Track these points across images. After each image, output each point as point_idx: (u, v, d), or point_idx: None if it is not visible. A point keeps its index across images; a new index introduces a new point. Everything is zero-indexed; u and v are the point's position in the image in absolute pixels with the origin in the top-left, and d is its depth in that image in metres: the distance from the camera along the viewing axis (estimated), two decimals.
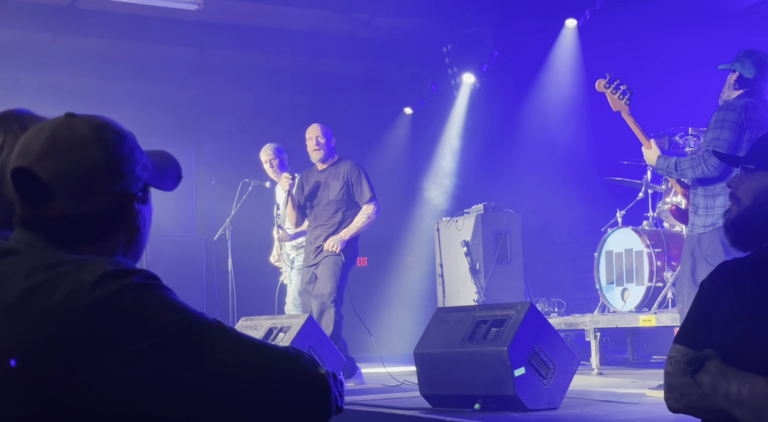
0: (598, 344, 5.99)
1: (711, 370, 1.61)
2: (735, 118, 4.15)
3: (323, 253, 5.72)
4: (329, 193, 5.82)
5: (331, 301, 5.53)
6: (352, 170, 5.82)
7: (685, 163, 4.27)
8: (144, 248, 1.41)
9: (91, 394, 1.14)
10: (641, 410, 3.76)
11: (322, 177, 5.89)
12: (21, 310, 1.16)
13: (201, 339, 1.20)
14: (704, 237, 4.20)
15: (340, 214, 5.77)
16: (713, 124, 4.23)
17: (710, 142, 4.18)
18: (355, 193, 5.79)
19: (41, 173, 1.25)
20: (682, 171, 4.29)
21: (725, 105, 4.24)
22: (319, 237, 5.77)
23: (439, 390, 4.08)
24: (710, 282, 1.74)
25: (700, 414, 1.66)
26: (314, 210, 5.88)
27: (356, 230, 5.74)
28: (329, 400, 1.28)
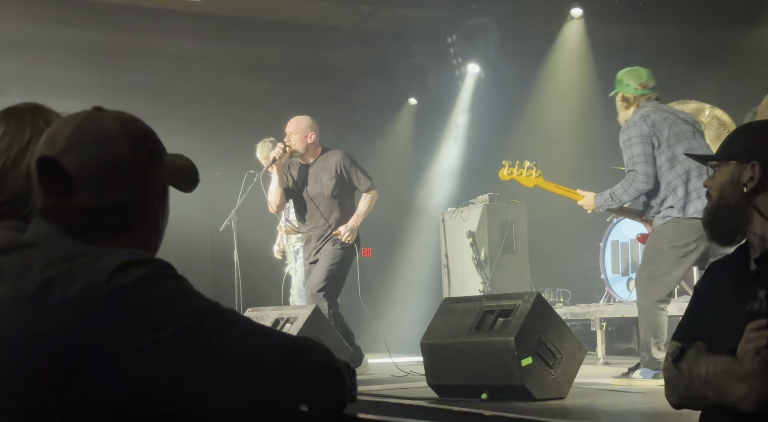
0: (604, 333, 6.00)
1: (688, 357, 1.67)
2: (637, 132, 4.39)
3: (327, 244, 5.69)
4: (323, 188, 5.68)
5: (322, 294, 5.51)
6: (344, 161, 5.69)
7: (617, 190, 4.48)
8: (159, 245, 1.42)
9: (108, 384, 1.15)
10: (648, 399, 3.77)
11: (312, 171, 5.74)
12: (39, 302, 1.17)
13: (216, 329, 1.21)
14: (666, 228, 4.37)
15: (339, 209, 5.70)
16: (623, 146, 4.47)
17: (628, 161, 4.44)
18: (354, 182, 5.71)
19: (66, 164, 1.26)
20: (618, 198, 4.48)
21: (625, 125, 4.50)
22: (321, 235, 5.71)
23: (446, 380, 4.09)
24: (702, 280, 1.82)
25: (692, 404, 1.69)
26: (309, 206, 5.76)
27: (363, 217, 5.70)
28: (343, 390, 1.30)
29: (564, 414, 3.43)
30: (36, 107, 1.68)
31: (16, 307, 1.18)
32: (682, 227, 4.31)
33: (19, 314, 1.17)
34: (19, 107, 1.69)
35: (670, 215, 4.36)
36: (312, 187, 5.72)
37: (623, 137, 4.46)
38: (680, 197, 4.35)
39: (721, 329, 1.67)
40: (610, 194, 4.50)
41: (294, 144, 5.69)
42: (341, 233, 5.60)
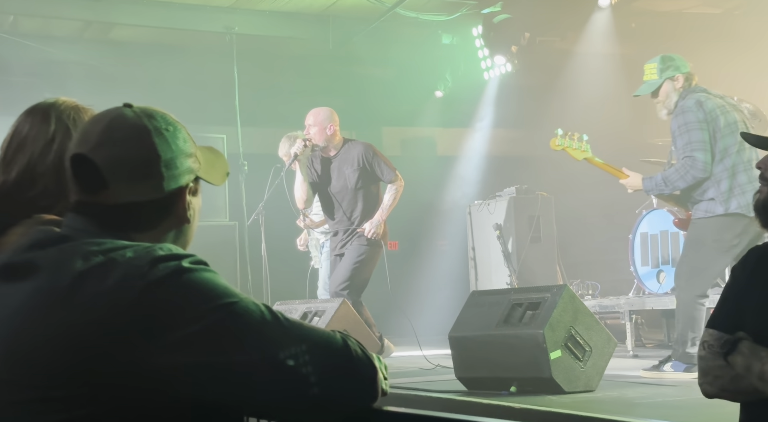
0: (634, 326, 5.96)
1: (743, 351, 1.62)
2: (694, 117, 4.27)
3: (353, 239, 5.68)
4: (346, 181, 5.65)
5: (345, 292, 5.50)
6: (366, 152, 5.63)
7: (672, 175, 4.34)
8: (191, 240, 1.43)
9: (142, 377, 1.17)
10: (679, 392, 3.74)
11: (334, 164, 5.70)
12: (75, 295, 1.18)
13: (250, 323, 1.21)
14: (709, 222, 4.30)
15: (363, 201, 5.66)
16: (678, 131, 4.33)
17: (685, 147, 4.29)
18: (378, 174, 5.64)
19: (98, 160, 1.29)
20: (673, 183, 4.36)
21: (680, 109, 4.35)
22: (347, 229, 5.69)
23: (475, 372, 4.09)
24: (741, 267, 1.75)
25: (734, 397, 1.66)
26: (333, 200, 5.74)
27: (389, 209, 5.63)
28: (377, 383, 1.30)
29: (594, 406, 3.41)
30: (59, 102, 1.71)
31: (53, 300, 1.19)
32: (725, 222, 4.24)
33: (56, 306, 1.19)
34: (43, 103, 1.72)
35: (713, 209, 4.28)
36: (336, 180, 5.69)
37: (678, 121, 4.33)
38: (723, 191, 4.26)
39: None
40: (663, 179, 4.38)
41: (314, 137, 5.65)
42: (366, 230, 5.58)
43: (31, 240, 1.29)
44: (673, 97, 4.45)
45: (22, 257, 1.26)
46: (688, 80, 4.43)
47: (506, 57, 8.41)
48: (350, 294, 5.50)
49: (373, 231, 5.56)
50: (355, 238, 5.66)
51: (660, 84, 4.47)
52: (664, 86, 4.47)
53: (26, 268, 1.24)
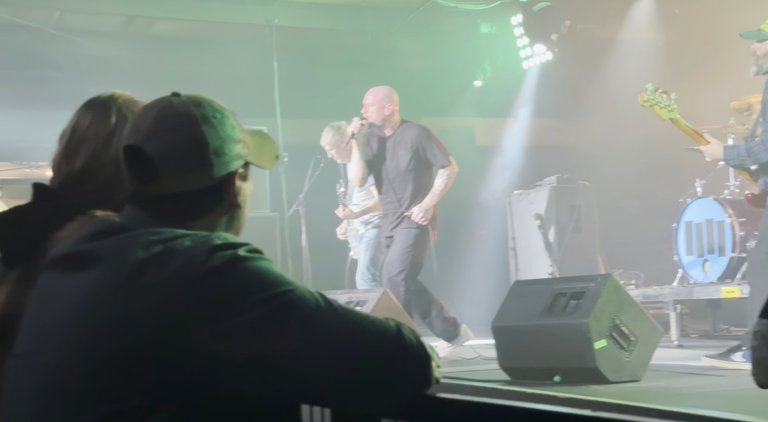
0: (678, 316, 5.89)
1: None
2: None
3: (401, 223, 5.66)
4: (398, 163, 5.61)
5: (399, 278, 5.47)
6: (420, 136, 5.58)
7: (757, 146, 4.13)
8: (244, 225, 1.45)
9: (201, 365, 1.18)
10: (728, 382, 3.70)
11: (390, 145, 5.66)
12: (136, 283, 1.21)
13: (306, 311, 1.23)
14: None
15: (413, 183, 5.60)
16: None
17: None
18: (430, 157, 5.59)
19: (149, 151, 1.31)
20: (756, 155, 4.15)
21: None
22: (396, 210, 5.69)
23: (518, 362, 4.08)
24: None
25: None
26: (385, 181, 5.72)
27: (440, 194, 5.56)
28: (431, 371, 1.30)
29: (641, 396, 3.38)
30: (116, 95, 1.74)
31: (115, 289, 1.22)
32: None
33: (118, 295, 1.21)
34: (100, 97, 1.75)
35: None
36: (389, 161, 5.65)
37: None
38: None
39: None
40: (746, 150, 4.16)
41: (371, 116, 5.64)
42: (414, 214, 5.56)
43: (92, 230, 1.31)
44: (761, 58, 4.21)
45: (83, 247, 1.29)
46: None
47: (546, 45, 8.33)
48: (406, 280, 5.47)
49: (421, 215, 5.52)
50: (404, 222, 5.62)
51: (765, 38, 4.19)
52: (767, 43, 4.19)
53: (88, 258, 1.26)
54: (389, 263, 5.60)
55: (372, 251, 6.23)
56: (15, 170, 8.89)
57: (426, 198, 5.55)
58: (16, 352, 1.32)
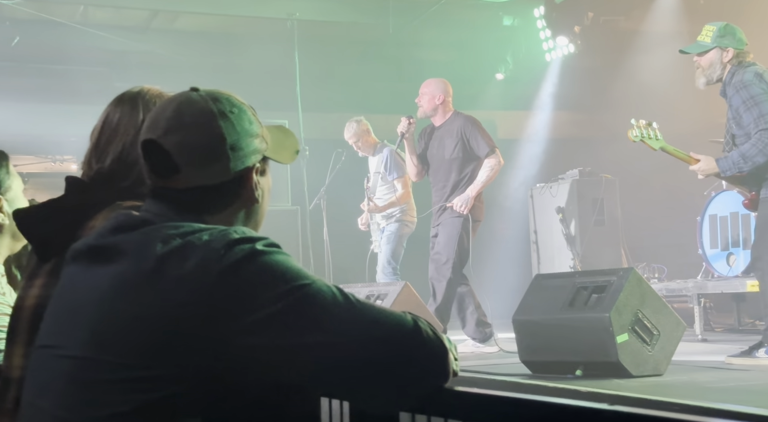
0: (702, 310, 5.84)
1: None
2: (759, 90, 4.09)
3: (444, 214, 5.66)
4: (444, 151, 5.64)
5: (447, 267, 5.47)
6: (465, 125, 5.60)
7: (750, 150, 4.12)
8: (263, 219, 1.45)
9: (223, 359, 1.20)
10: (751, 376, 3.66)
11: (438, 134, 5.72)
12: (157, 277, 1.22)
13: (324, 304, 1.23)
14: None
15: (456, 173, 5.59)
16: (743, 106, 4.12)
17: (758, 120, 4.08)
18: (473, 147, 5.58)
19: (167, 146, 1.32)
20: (752, 158, 4.13)
21: (740, 83, 4.15)
22: (440, 198, 5.69)
23: (540, 356, 4.06)
24: None
25: None
26: (432, 170, 5.75)
27: (482, 185, 5.54)
28: (448, 364, 1.30)
29: (663, 390, 3.36)
30: (144, 90, 1.74)
31: (139, 282, 1.23)
32: None
33: (142, 288, 1.22)
34: (130, 92, 1.76)
35: None
36: (437, 150, 5.71)
37: (742, 96, 4.14)
38: None
39: None
40: (740, 156, 4.16)
41: (424, 105, 5.73)
42: (455, 204, 5.56)
43: (115, 224, 1.33)
44: (716, 68, 4.27)
45: (106, 240, 1.30)
46: (738, 57, 4.24)
47: (569, 38, 8.28)
48: (453, 270, 5.46)
49: (462, 206, 5.52)
50: (447, 211, 5.63)
51: (709, 49, 4.28)
52: (711, 53, 4.27)
53: (111, 251, 1.28)
54: (436, 253, 5.60)
55: (393, 245, 6.24)
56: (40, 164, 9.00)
57: (468, 188, 5.55)
58: (41, 343, 1.34)
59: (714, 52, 4.28)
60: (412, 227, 6.33)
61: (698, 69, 4.35)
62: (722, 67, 4.27)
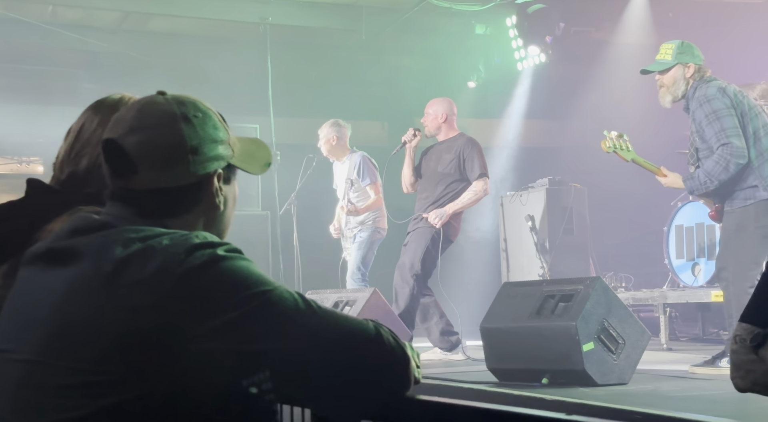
0: (667, 319, 5.90)
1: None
2: (722, 104, 4.14)
3: (419, 224, 5.67)
4: (438, 165, 5.72)
5: (411, 275, 5.48)
6: (467, 145, 5.70)
7: (714, 169, 4.16)
8: (228, 227, 1.44)
9: (179, 363, 1.18)
10: (713, 385, 3.70)
11: (439, 148, 5.82)
12: (116, 281, 1.21)
13: (285, 311, 1.22)
14: (749, 209, 4.15)
15: (442, 187, 5.65)
16: (705, 120, 4.18)
17: (719, 136, 4.13)
18: (467, 168, 5.66)
19: (127, 146, 1.31)
20: (716, 177, 4.18)
21: (703, 97, 4.20)
22: (420, 208, 5.72)
23: (506, 364, 4.08)
24: None
25: (766, 391, 1.64)
26: (422, 180, 5.83)
27: (462, 205, 5.60)
28: (409, 372, 1.30)
29: (628, 399, 3.39)
30: (125, 98, 1.73)
31: (97, 285, 1.21)
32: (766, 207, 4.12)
33: (101, 292, 1.21)
34: (111, 99, 1.74)
35: (754, 195, 4.12)
36: (433, 161, 5.79)
37: (705, 110, 4.18)
38: (766, 176, 4.11)
39: None
40: (706, 175, 4.19)
41: (428, 124, 5.84)
42: (430, 216, 5.57)
43: (73, 227, 1.31)
44: (680, 84, 4.32)
45: (64, 243, 1.29)
46: (700, 72, 4.31)
47: (540, 47, 8.34)
48: (416, 279, 5.47)
49: (437, 219, 5.53)
50: (421, 223, 5.66)
51: (671, 66, 4.33)
52: (674, 70, 4.33)
53: (69, 254, 1.26)
54: (402, 262, 5.62)
55: (364, 251, 6.23)
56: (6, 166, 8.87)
57: (448, 205, 5.58)
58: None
59: (676, 69, 4.33)
60: (383, 233, 6.33)
61: (662, 88, 4.40)
62: (685, 83, 4.32)
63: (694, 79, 4.31)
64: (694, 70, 4.31)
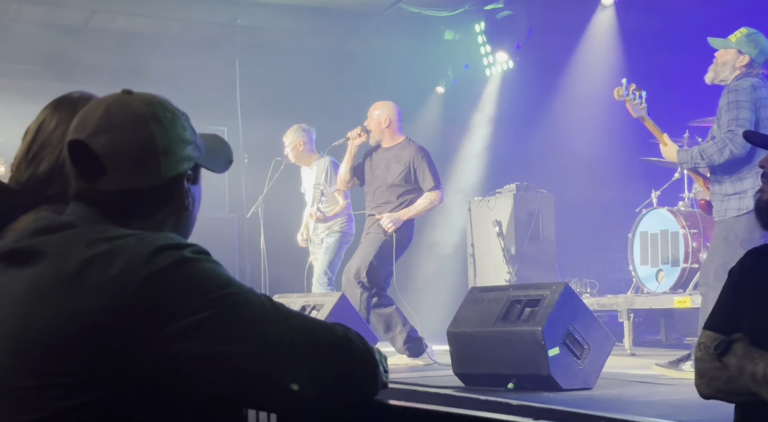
0: (632, 325, 5.96)
1: (737, 352, 1.62)
2: (747, 97, 4.12)
3: (372, 228, 5.65)
4: (388, 175, 5.66)
5: (357, 281, 5.46)
6: (416, 156, 5.64)
7: (710, 148, 4.19)
8: (192, 228, 1.42)
9: (146, 365, 1.17)
10: (677, 391, 3.75)
11: (386, 156, 5.73)
12: (80, 281, 1.19)
13: (251, 314, 1.21)
14: (740, 220, 4.14)
15: (396, 199, 5.63)
16: (726, 106, 4.17)
17: (729, 122, 4.13)
18: (419, 179, 5.63)
19: (95, 147, 1.28)
20: (708, 157, 4.20)
21: (733, 87, 4.20)
22: (374, 220, 5.69)
23: (473, 369, 4.09)
24: (739, 268, 1.75)
25: (729, 398, 1.66)
26: (373, 190, 5.76)
27: (415, 212, 5.59)
28: (377, 375, 1.30)
29: (591, 404, 3.41)
30: (86, 96, 1.69)
31: (60, 286, 1.19)
32: None
33: (61, 293, 1.19)
34: (69, 97, 1.70)
35: (746, 205, 4.08)
36: (381, 172, 5.72)
37: (729, 98, 4.15)
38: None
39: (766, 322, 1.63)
40: (699, 152, 4.22)
41: (372, 128, 5.74)
42: (383, 220, 5.55)
43: (36, 227, 1.28)
44: (727, 69, 4.28)
45: (26, 242, 1.26)
46: (753, 67, 4.24)
47: (508, 54, 8.41)
48: (362, 284, 5.46)
49: (390, 223, 5.52)
50: (374, 227, 5.64)
51: (729, 48, 4.27)
52: (729, 53, 4.28)
53: (31, 254, 1.24)
54: (348, 267, 5.60)
55: (331, 255, 6.22)
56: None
57: (402, 211, 5.58)
58: None
59: (732, 53, 4.27)
60: (350, 239, 6.33)
61: (712, 65, 4.35)
62: (731, 71, 4.27)
63: (741, 71, 4.26)
64: (746, 63, 4.25)
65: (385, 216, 5.56)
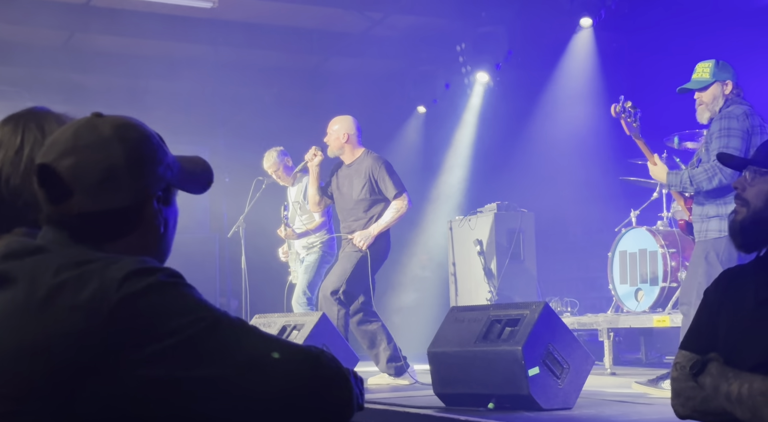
0: (612, 344, 5.98)
1: (712, 372, 1.63)
2: (738, 126, 4.18)
3: (347, 247, 5.65)
4: (353, 191, 5.65)
5: (334, 298, 5.44)
6: (374, 166, 5.61)
7: (699, 175, 4.23)
8: (169, 250, 1.41)
9: (116, 390, 1.16)
10: (656, 410, 3.75)
11: (348, 173, 5.71)
12: (50, 306, 1.18)
13: (224, 338, 1.21)
14: (721, 241, 4.18)
15: (364, 213, 5.63)
16: (718, 133, 4.22)
17: (722, 149, 4.15)
18: (382, 189, 5.61)
19: (62, 170, 1.27)
20: (698, 184, 4.24)
21: (725, 113, 4.25)
22: (346, 232, 5.69)
23: (453, 389, 4.08)
24: (714, 288, 1.78)
25: (705, 418, 1.67)
26: (342, 208, 5.75)
27: (385, 224, 5.57)
28: (351, 398, 1.29)
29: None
30: (32, 111, 1.65)
31: (30, 311, 1.18)
32: None
33: (31, 318, 1.18)
34: (16, 114, 1.68)
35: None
36: (346, 189, 5.70)
37: (721, 124, 4.20)
38: None
39: (741, 342, 1.64)
40: (689, 178, 4.25)
41: (330, 143, 5.70)
42: (355, 238, 5.57)
43: (6, 251, 1.27)
44: (719, 101, 4.34)
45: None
46: (737, 89, 4.34)
47: (489, 72, 8.47)
48: (339, 300, 5.44)
49: (362, 241, 5.53)
50: (348, 246, 5.63)
51: (710, 84, 4.35)
52: (713, 88, 4.35)
53: (1, 279, 1.23)
54: (324, 283, 5.60)
55: (310, 275, 6.20)
56: None
57: (372, 226, 5.57)
58: None
59: (715, 87, 4.34)
60: (331, 258, 6.31)
61: (701, 105, 4.40)
62: (723, 99, 4.33)
63: (731, 97, 4.33)
64: (732, 87, 4.33)
65: (356, 235, 5.54)
